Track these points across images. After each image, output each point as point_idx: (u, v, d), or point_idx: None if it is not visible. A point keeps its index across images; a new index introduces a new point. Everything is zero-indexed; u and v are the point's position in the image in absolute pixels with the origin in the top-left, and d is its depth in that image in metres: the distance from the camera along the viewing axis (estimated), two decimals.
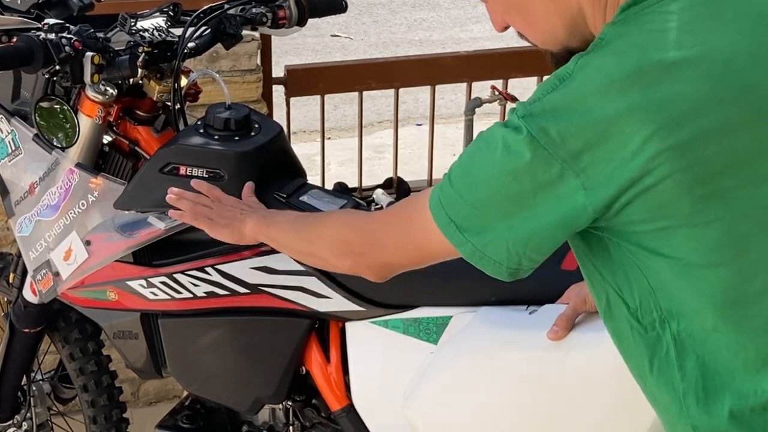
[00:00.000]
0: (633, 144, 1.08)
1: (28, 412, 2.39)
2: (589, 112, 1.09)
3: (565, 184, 1.12)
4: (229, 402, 2.00)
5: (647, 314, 1.20)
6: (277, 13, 2.07)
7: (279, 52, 4.96)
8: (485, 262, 1.21)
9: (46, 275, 1.98)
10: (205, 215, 1.71)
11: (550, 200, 1.13)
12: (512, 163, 1.13)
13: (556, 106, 1.12)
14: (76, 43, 1.77)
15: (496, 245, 1.19)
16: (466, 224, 1.20)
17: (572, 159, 1.10)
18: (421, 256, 1.35)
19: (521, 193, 1.14)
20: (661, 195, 1.09)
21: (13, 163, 1.98)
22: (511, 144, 1.13)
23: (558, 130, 1.10)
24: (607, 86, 1.09)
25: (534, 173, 1.12)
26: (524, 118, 1.13)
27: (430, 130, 3.40)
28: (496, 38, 7.83)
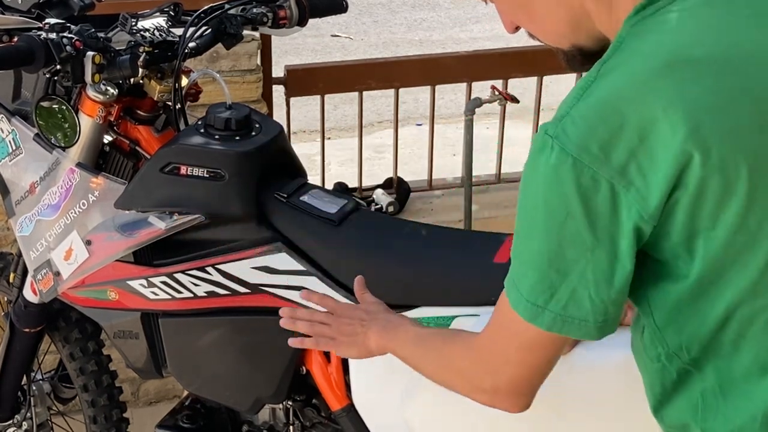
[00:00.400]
0: (674, 144, 1.04)
1: (28, 411, 2.39)
2: (625, 118, 1.05)
3: (620, 203, 1.06)
4: (229, 402, 2.01)
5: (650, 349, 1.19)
6: (278, 13, 2.07)
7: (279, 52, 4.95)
8: (570, 325, 1.13)
9: (46, 275, 1.98)
10: (326, 336, 1.61)
11: (613, 226, 1.07)
12: (559, 195, 1.07)
13: (588, 118, 1.07)
14: (77, 43, 1.77)
15: (577, 300, 1.11)
16: (536, 291, 1.12)
17: (619, 174, 1.06)
18: (537, 355, 1.22)
19: (580, 229, 1.08)
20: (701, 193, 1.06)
21: (14, 162, 1.98)
22: (551, 175, 1.07)
23: (599, 144, 1.05)
24: (638, 88, 1.07)
25: (586, 199, 1.06)
26: (557, 137, 1.07)
27: (430, 130, 3.40)
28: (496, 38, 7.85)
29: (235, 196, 1.81)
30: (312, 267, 1.80)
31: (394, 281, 1.78)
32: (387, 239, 1.85)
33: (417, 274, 1.77)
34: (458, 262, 1.77)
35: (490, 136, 4.19)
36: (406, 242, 1.84)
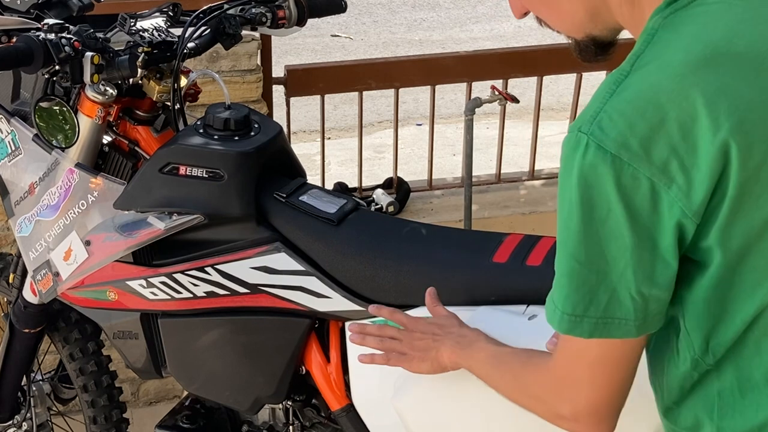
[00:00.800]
0: (717, 140, 1.02)
1: (28, 412, 2.39)
2: (665, 113, 1.02)
3: (661, 201, 1.03)
4: (229, 402, 2.01)
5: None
6: (277, 13, 2.07)
7: (279, 52, 4.96)
8: (612, 328, 1.09)
9: (46, 275, 1.98)
10: (397, 351, 1.59)
11: (653, 224, 1.04)
12: (598, 193, 1.04)
13: (626, 113, 1.03)
14: (76, 43, 1.77)
15: (617, 300, 1.08)
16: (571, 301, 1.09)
17: (661, 171, 1.03)
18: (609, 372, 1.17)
19: (619, 226, 1.04)
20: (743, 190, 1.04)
21: (13, 163, 1.98)
22: (588, 172, 1.04)
23: (639, 140, 1.02)
24: (678, 82, 1.03)
25: (626, 197, 1.03)
26: (592, 134, 1.03)
27: (430, 130, 3.41)
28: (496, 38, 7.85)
29: (235, 196, 1.81)
30: (311, 267, 1.80)
31: (394, 281, 1.77)
32: (387, 239, 1.85)
33: (417, 274, 1.77)
34: (458, 262, 1.77)
35: (490, 136, 4.19)
36: (405, 242, 1.84)
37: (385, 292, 1.78)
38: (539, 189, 3.54)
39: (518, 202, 3.45)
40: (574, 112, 3.51)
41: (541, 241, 1.75)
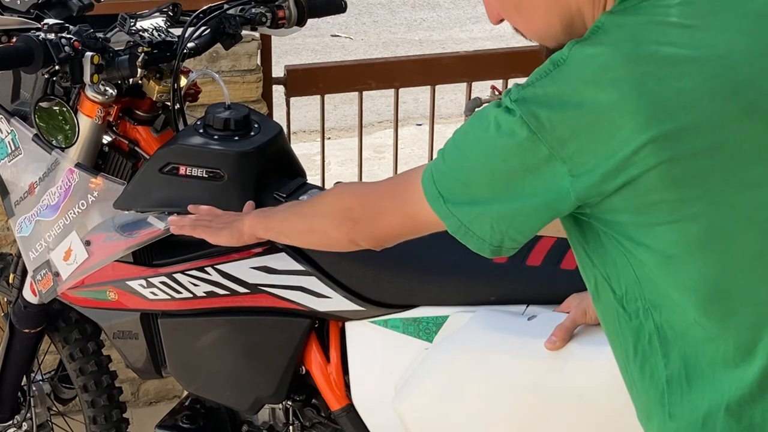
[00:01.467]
0: (621, 135, 1.09)
1: (28, 412, 2.39)
2: (581, 101, 1.11)
3: (551, 169, 1.13)
4: (229, 402, 2.01)
5: (632, 302, 1.21)
6: (277, 13, 2.07)
7: (279, 52, 4.96)
8: (469, 237, 1.22)
9: (46, 275, 1.98)
10: (204, 224, 1.74)
11: (535, 183, 1.15)
12: (502, 144, 1.16)
13: (548, 92, 1.13)
14: (76, 43, 1.77)
15: (481, 221, 1.21)
16: (454, 199, 1.22)
17: (560, 145, 1.12)
18: (413, 226, 1.36)
19: (509, 174, 1.16)
20: (644, 187, 1.11)
21: (13, 163, 1.98)
22: (503, 125, 1.15)
23: (549, 116, 1.12)
24: (600, 76, 1.11)
25: (522, 156, 1.14)
26: (517, 102, 1.14)
27: (430, 130, 3.40)
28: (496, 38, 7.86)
29: (235, 196, 1.81)
30: (311, 267, 1.80)
31: (394, 281, 1.78)
32: None
33: (417, 274, 1.77)
34: (458, 262, 1.76)
35: None
36: (405, 242, 1.83)
37: (384, 291, 1.78)
38: None
39: None
40: None
41: (541, 241, 1.75)
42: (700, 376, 1.18)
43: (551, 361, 1.54)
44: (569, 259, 1.68)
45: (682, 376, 1.19)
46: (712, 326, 1.16)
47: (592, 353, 1.51)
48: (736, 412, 1.16)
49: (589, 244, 1.24)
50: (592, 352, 1.52)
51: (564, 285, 1.63)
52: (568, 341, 1.54)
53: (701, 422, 1.17)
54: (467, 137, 1.22)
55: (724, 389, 1.16)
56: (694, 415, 1.18)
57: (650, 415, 1.24)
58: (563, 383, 1.55)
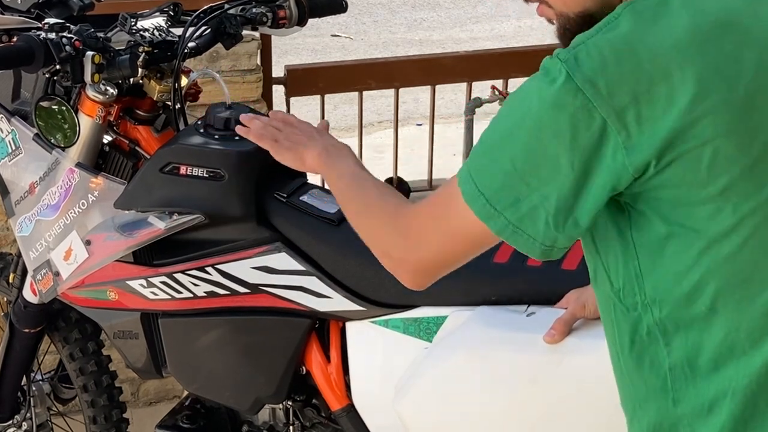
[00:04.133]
0: (681, 102, 1.04)
1: (28, 412, 2.38)
2: (640, 63, 1.04)
3: (607, 143, 1.06)
4: (229, 402, 2.00)
5: (629, 297, 1.18)
6: (278, 13, 2.07)
7: (279, 52, 4.96)
8: (517, 237, 1.12)
9: (46, 275, 1.97)
10: (271, 136, 1.65)
11: (591, 161, 1.06)
12: (552, 116, 1.06)
13: (603, 53, 1.05)
14: (77, 43, 1.77)
15: (533, 217, 1.10)
16: (498, 195, 1.11)
17: (617, 115, 1.04)
18: (460, 247, 1.23)
19: (560, 154, 1.07)
20: (700, 160, 1.06)
21: (14, 162, 1.98)
22: (551, 95, 1.06)
23: (606, 81, 1.04)
24: (661, 38, 1.05)
25: (575, 129, 1.05)
26: (567, 62, 1.05)
27: (430, 130, 3.40)
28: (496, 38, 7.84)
29: (235, 195, 1.81)
30: (312, 267, 1.80)
31: (394, 281, 1.77)
32: None
33: None
34: None
35: None
36: None
37: (385, 292, 1.78)
38: None
39: None
40: None
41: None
42: (706, 364, 1.15)
43: (550, 354, 1.54)
44: (570, 260, 1.68)
45: (685, 365, 1.16)
46: (728, 314, 1.13)
47: (591, 346, 1.51)
48: (743, 399, 1.14)
49: (598, 229, 1.19)
50: (591, 345, 1.52)
51: (565, 285, 1.63)
52: (567, 335, 1.54)
53: (707, 408, 1.16)
54: (509, 120, 1.11)
55: (731, 376, 1.14)
56: (700, 400, 1.16)
57: (645, 403, 1.22)
58: (562, 377, 1.55)
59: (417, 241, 1.27)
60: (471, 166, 1.14)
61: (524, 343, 1.58)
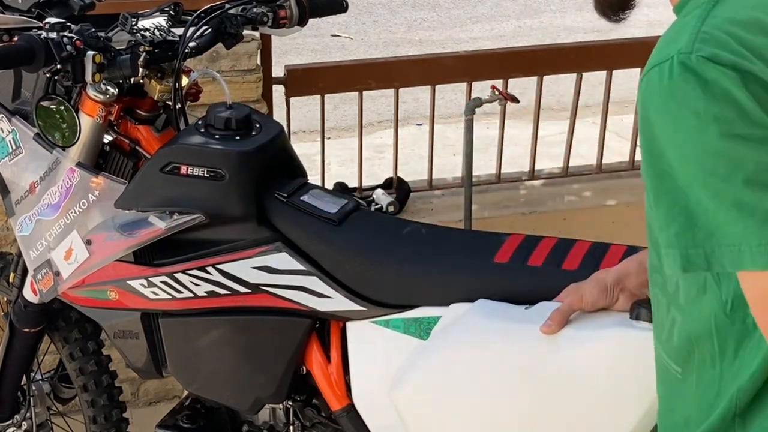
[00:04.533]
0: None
1: (27, 412, 2.38)
2: (764, 24, 0.95)
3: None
4: (229, 402, 2.01)
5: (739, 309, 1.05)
6: (278, 13, 2.07)
7: (279, 52, 4.95)
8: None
9: (46, 275, 1.97)
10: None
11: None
12: (731, 105, 0.92)
13: (728, 28, 0.94)
14: (78, 42, 1.77)
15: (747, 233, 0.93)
16: (754, 230, 0.93)
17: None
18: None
19: (752, 126, 0.92)
20: None
21: (14, 162, 1.98)
22: (713, 86, 0.92)
23: (752, 48, 0.93)
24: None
25: (760, 102, 0.92)
26: (702, 53, 0.93)
27: (430, 130, 3.40)
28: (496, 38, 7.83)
29: (235, 195, 1.81)
30: (312, 267, 1.80)
31: (395, 281, 1.78)
32: (387, 239, 1.85)
33: (417, 274, 1.77)
34: (458, 262, 1.77)
35: (490, 136, 4.19)
36: (406, 242, 1.84)
37: (386, 292, 1.78)
38: (539, 189, 3.53)
39: (518, 202, 3.45)
40: (574, 112, 3.51)
41: (543, 242, 1.75)
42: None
43: (547, 345, 1.54)
44: (571, 260, 1.68)
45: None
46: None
47: (588, 337, 1.51)
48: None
49: None
50: (588, 336, 1.52)
51: (565, 285, 1.63)
52: (563, 325, 1.53)
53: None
54: (684, 149, 0.94)
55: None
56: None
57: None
58: (559, 367, 1.55)
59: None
60: (707, 240, 0.95)
61: (521, 334, 1.58)
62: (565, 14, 8.07)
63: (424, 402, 1.69)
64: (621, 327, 1.48)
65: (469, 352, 1.64)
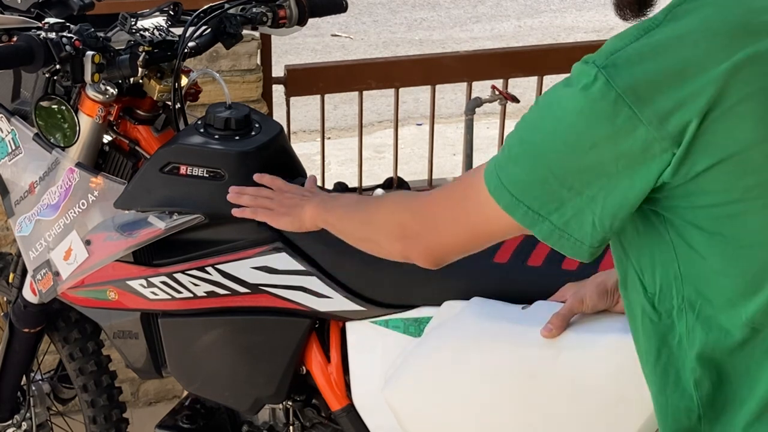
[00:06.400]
0: (728, 104, 1.01)
1: (27, 412, 2.38)
2: (685, 65, 1.01)
3: (651, 149, 1.03)
4: (229, 402, 2.00)
5: (665, 301, 1.15)
6: (278, 13, 2.07)
7: (279, 52, 4.96)
8: (564, 241, 1.12)
9: (46, 275, 1.97)
10: (265, 207, 1.69)
11: (634, 166, 1.05)
12: (590, 128, 1.04)
13: (645, 55, 1.03)
14: (77, 43, 1.77)
15: (580, 221, 1.10)
16: (538, 202, 1.10)
17: (659, 121, 1.02)
18: (480, 240, 1.25)
19: (602, 162, 1.05)
20: (745, 163, 1.03)
21: (14, 162, 1.98)
22: (587, 103, 1.04)
23: (648, 85, 1.01)
24: (708, 41, 1.02)
25: (617, 139, 1.03)
26: (606, 69, 1.03)
27: (430, 130, 3.40)
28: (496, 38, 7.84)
29: None
30: (312, 267, 1.80)
31: (394, 281, 1.77)
32: None
33: (417, 274, 1.77)
34: (459, 262, 1.76)
35: (490, 136, 4.19)
36: None
37: (385, 292, 1.78)
38: None
39: None
40: None
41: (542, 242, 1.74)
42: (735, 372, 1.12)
43: (546, 349, 1.53)
44: (570, 260, 1.67)
45: (714, 376, 1.14)
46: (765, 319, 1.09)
47: (589, 342, 1.51)
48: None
49: (626, 234, 1.17)
50: (588, 340, 1.51)
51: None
52: (564, 329, 1.53)
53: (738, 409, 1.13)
54: (541, 129, 1.09)
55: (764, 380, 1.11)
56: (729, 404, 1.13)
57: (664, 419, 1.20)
58: (558, 371, 1.54)
59: (434, 225, 1.29)
60: (503, 175, 1.13)
61: (519, 336, 1.57)
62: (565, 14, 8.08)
63: (416, 399, 1.69)
64: (622, 330, 1.47)
65: (463, 352, 1.63)
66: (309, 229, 1.65)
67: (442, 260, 1.35)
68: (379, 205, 1.45)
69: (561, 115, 1.07)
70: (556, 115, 1.07)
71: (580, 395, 1.54)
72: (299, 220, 1.64)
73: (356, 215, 1.51)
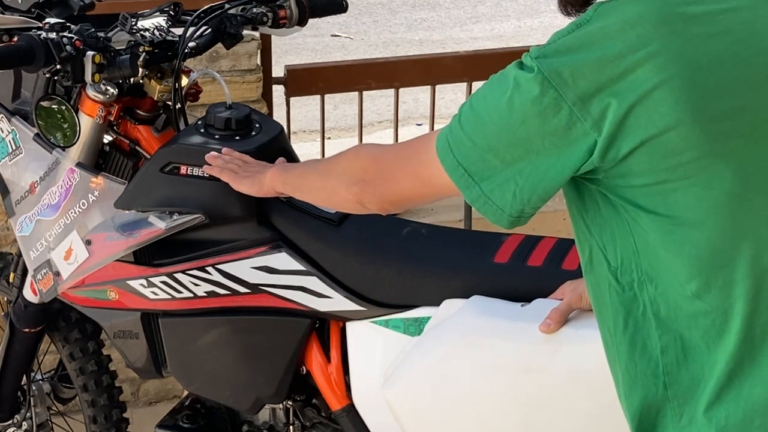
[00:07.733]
0: (644, 89, 1.09)
1: (28, 411, 2.38)
2: (604, 53, 1.10)
3: (574, 129, 1.12)
4: (229, 402, 2.00)
5: (626, 274, 1.21)
6: (278, 13, 2.07)
7: (279, 52, 4.95)
8: (488, 208, 1.21)
9: (46, 275, 1.97)
10: (231, 170, 1.76)
11: (559, 145, 1.14)
12: (523, 105, 1.14)
13: (570, 46, 1.13)
14: (77, 43, 1.77)
15: (503, 191, 1.19)
16: (474, 168, 1.20)
17: (582, 102, 1.11)
18: (423, 191, 1.35)
19: (530, 138, 1.15)
20: (665, 145, 1.10)
21: (14, 162, 1.98)
22: (522, 85, 1.14)
23: (571, 70, 1.11)
24: (626, 32, 1.10)
25: (544, 117, 1.13)
26: (537, 59, 1.13)
27: (430, 130, 3.40)
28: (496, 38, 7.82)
29: (235, 195, 1.80)
30: (312, 267, 1.80)
31: (394, 281, 1.78)
32: (387, 239, 1.85)
33: (417, 274, 1.77)
34: (459, 262, 1.77)
35: None
36: (406, 242, 1.84)
37: (385, 292, 1.78)
38: None
39: None
40: None
41: (542, 242, 1.75)
42: (695, 347, 1.18)
43: (545, 344, 1.54)
44: (570, 260, 1.68)
45: (678, 347, 1.19)
46: (711, 298, 1.16)
47: (587, 337, 1.51)
48: (728, 382, 1.16)
49: (588, 212, 1.23)
50: (586, 336, 1.51)
51: None
52: (562, 325, 1.54)
53: (701, 389, 1.18)
54: (486, 102, 1.19)
55: (720, 360, 1.16)
56: (694, 382, 1.18)
57: (633, 388, 1.23)
58: (557, 367, 1.55)
59: (390, 173, 1.39)
60: (450, 136, 1.23)
61: (518, 332, 1.58)
62: None
63: (415, 398, 1.69)
64: None
65: (462, 349, 1.64)
66: (267, 194, 1.72)
67: (393, 207, 1.44)
68: (342, 155, 1.53)
69: (503, 91, 1.16)
70: (499, 91, 1.17)
71: (579, 390, 1.54)
72: (258, 183, 1.71)
73: (318, 167, 1.62)
